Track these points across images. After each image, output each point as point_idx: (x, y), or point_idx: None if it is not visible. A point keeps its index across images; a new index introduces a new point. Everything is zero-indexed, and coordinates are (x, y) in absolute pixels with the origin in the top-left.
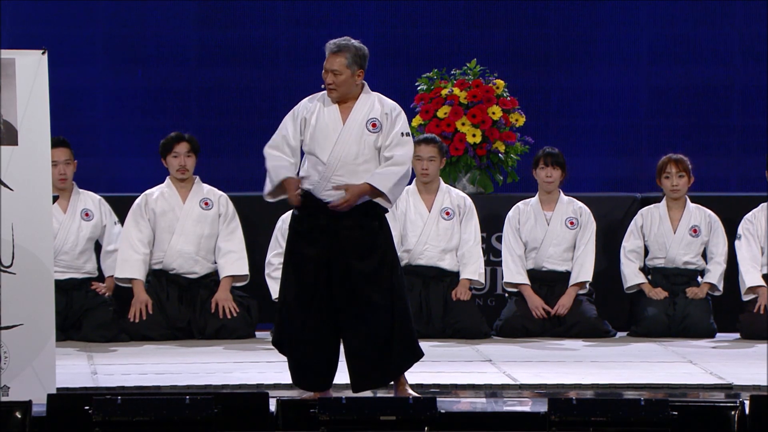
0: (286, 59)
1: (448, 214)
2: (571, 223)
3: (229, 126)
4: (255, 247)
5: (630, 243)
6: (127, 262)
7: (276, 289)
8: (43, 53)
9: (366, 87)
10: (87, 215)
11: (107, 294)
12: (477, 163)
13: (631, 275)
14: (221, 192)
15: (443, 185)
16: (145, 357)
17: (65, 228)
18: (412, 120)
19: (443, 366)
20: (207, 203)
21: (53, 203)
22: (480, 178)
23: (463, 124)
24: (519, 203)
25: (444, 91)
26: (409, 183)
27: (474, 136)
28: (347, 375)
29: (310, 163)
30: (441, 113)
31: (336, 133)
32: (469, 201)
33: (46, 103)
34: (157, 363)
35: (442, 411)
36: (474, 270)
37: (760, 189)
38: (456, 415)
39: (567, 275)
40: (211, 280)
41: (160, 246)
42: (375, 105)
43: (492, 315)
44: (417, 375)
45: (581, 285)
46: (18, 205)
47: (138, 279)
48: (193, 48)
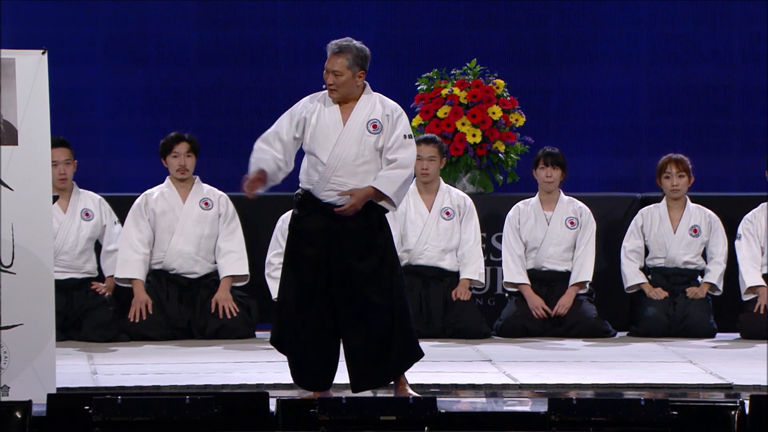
0: (285, 59)
1: (448, 214)
2: (571, 223)
3: (229, 126)
4: (255, 247)
5: (630, 243)
6: (127, 262)
7: (276, 289)
8: (43, 53)
9: (367, 87)
10: (87, 215)
11: (107, 294)
12: (477, 163)
13: (632, 275)
14: (221, 192)
15: (443, 185)
16: (145, 357)
17: (65, 228)
18: (412, 120)
19: (443, 366)
20: (207, 203)
21: (53, 203)
22: (480, 178)
23: (463, 124)
24: (519, 203)
25: (444, 91)
26: None
27: (474, 136)
28: (347, 375)
29: (309, 163)
30: (441, 113)
31: (336, 134)
32: (469, 201)
33: (46, 103)
34: (157, 363)
35: (442, 411)
36: (474, 270)
37: (760, 189)
38: (456, 415)
39: (567, 275)
40: (211, 280)
41: (160, 246)
42: (376, 106)
43: (492, 315)
44: (417, 375)
45: (581, 285)
46: (18, 205)
47: (138, 279)
48: (193, 48)
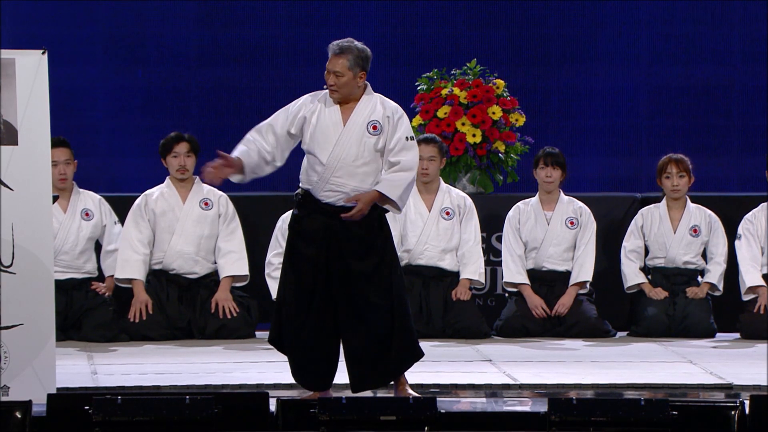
0: (285, 59)
1: (448, 214)
2: (572, 223)
3: (229, 126)
4: (255, 247)
5: (630, 243)
6: (127, 262)
7: (276, 289)
8: (43, 53)
9: (368, 88)
10: (87, 215)
11: (107, 294)
12: (477, 163)
13: (632, 275)
14: (221, 192)
15: (443, 185)
16: (145, 357)
17: (65, 228)
18: (412, 120)
19: (443, 366)
20: (207, 203)
21: (53, 203)
22: (480, 178)
23: (463, 124)
24: (519, 203)
25: (444, 91)
26: None
27: (474, 136)
28: (347, 375)
29: (308, 164)
30: (441, 113)
31: (336, 134)
32: (469, 201)
33: (46, 103)
34: (157, 363)
35: (442, 411)
36: (474, 270)
37: (760, 189)
38: (456, 415)
39: (567, 275)
40: (211, 280)
41: (160, 246)
42: (377, 107)
43: (492, 315)
44: (417, 375)
45: (581, 285)
46: (18, 205)
47: (138, 279)
48: (193, 48)
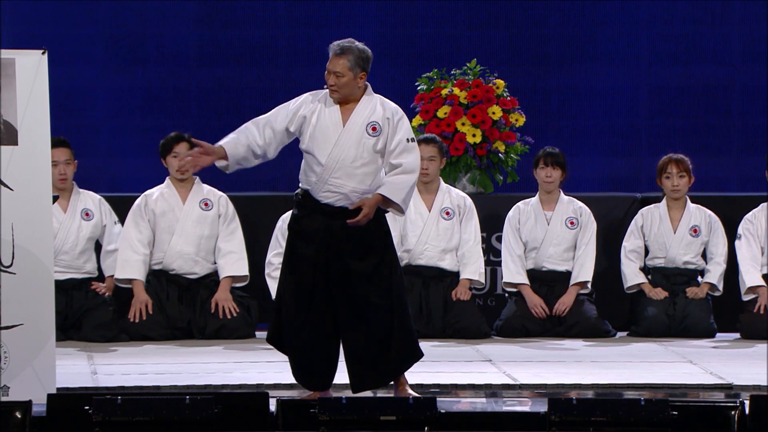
0: (285, 59)
1: (448, 214)
2: (572, 223)
3: (229, 126)
4: (255, 247)
5: (630, 243)
6: (127, 262)
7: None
8: (43, 53)
9: (369, 89)
10: (87, 215)
11: (107, 294)
12: (477, 163)
13: (632, 275)
14: (221, 192)
15: (443, 185)
16: (145, 357)
17: (65, 228)
18: (412, 120)
19: (443, 366)
20: (207, 204)
21: (53, 203)
22: (480, 178)
23: (463, 124)
24: (519, 203)
25: (444, 91)
26: None
27: (474, 136)
28: (347, 375)
29: (307, 164)
30: (441, 113)
31: (335, 135)
32: (469, 201)
33: (46, 103)
34: (157, 363)
35: (442, 411)
36: (474, 270)
37: (760, 189)
38: (456, 415)
39: (567, 275)
40: (211, 280)
41: (159, 247)
42: (377, 108)
43: (492, 315)
44: (417, 375)
45: (582, 285)
46: (18, 205)
47: (138, 279)
48: (193, 48)
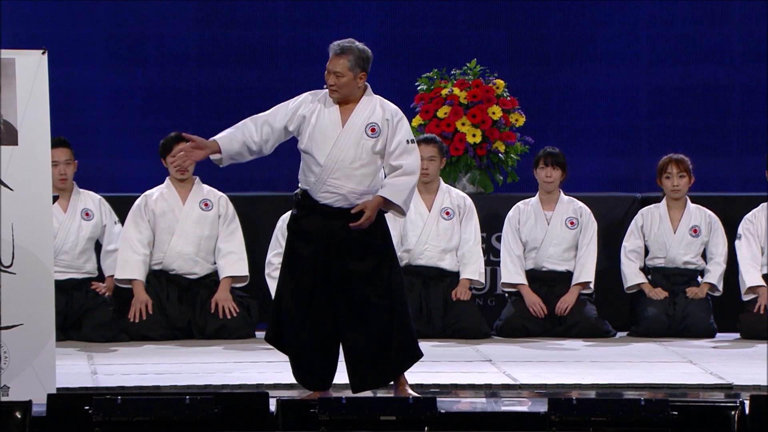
0: (285, 59)
1: (448, 214)
2: (572, 223)
3: (229, 126)
4: (255, 247)
5: (630, 243)
6: (127, 263)
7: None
8: (43, 53)
9: (368, 90)
10: (87, 215)
11: (107, 294)
12: (477, 163)
13: (632, 275)
14: (221, 193)
15: (443, 185)
16: (145, 357)
17: (65, 228)
18: (412, 120)
19: (443, 366)
20: (207, 204)
21: (53, 203)
22: (480, 178)
23: (463, 124)
24: (519, 203)
25: (444, 91)
26: None
27: (474, 136)
28: (347, 375)
29: (305, 164)
30: (441, 113)
31: (334, 136)
32: (469, 201)
33: (46, 103)
34: (157, 363)
35: (442, 411)
36: (474, 270)
37: (760, 189)
38: (456, 415)
39: (567, 275)
40: (211, 280)
41: (159, 247)
42: (376, 109)
43: (492, 315)
44: (417, 375)
45: (584, 285)
46: (18, 205)
47: (138, 279)
48: (193, 48)
